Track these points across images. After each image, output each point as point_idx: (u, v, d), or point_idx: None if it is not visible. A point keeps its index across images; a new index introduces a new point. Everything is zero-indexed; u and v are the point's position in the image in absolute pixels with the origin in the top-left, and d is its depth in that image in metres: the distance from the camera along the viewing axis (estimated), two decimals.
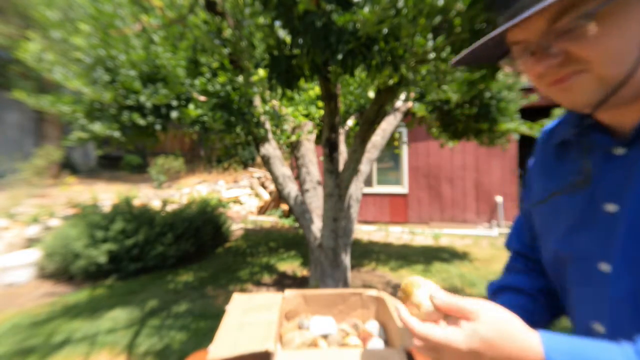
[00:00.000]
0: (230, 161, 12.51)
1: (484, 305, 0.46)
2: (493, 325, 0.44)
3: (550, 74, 0.50)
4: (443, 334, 0.46)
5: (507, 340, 0.43)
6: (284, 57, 1.79)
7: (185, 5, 2.31)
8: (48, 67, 2.85)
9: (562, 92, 0.51)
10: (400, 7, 1.46)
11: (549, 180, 0.64)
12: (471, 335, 0.44)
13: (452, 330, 0.46)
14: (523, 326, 0.45)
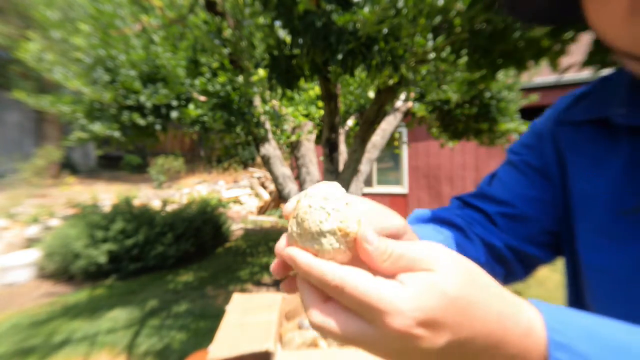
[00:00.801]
0: (230, 161, 12.51)
1: (437, 248, 0.29)
2: (461, 277, 0.27)
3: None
4: (374, 286, 0.26)
5: (484, 304, 0.27)
6: (284, 57, 1.79)
7: (185, 5, 2.31)
8: (48, 67, 2.85)
9: None
10: (400, 7, 1.46)
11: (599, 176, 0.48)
12: (428, 291, 0.26)
13: (392, 285, 0.27)
14: (500, 285, 0.30)
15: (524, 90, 4.48)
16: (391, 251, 0.29)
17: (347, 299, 0.27)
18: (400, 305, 0.26)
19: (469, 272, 0.29)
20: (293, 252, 0.30)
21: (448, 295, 0.26)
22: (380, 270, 0.29)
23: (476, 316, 0.27)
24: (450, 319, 0.26)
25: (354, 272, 0.28)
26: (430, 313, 0.26)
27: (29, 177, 8.42)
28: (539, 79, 6.07)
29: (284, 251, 0.31)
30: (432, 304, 0.26)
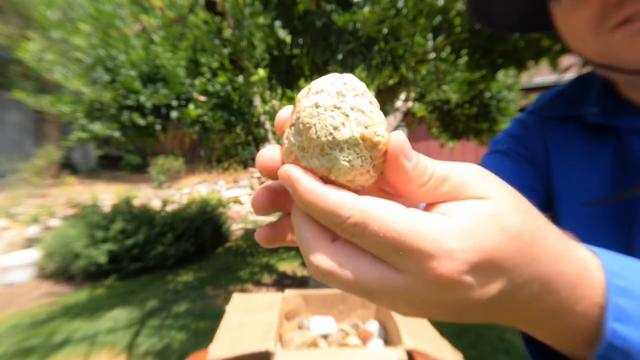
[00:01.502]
0: (230, 161, 12.52)
1: (485, 172, 0.24)
2: (521, 208, 0.23)
3: (623, 4, 0.35)
4: (411, 220, 0.20)
5: (544, 241, 0.22)
6: (284, 57, 1.79)
7: (185, 5, 2.31)
8: (48, 67, 2.85)
9: (633, 37, 0.36)
10: (400, 7, 1.46)
11: (577, 171, 0.49)
12: (485, 225, 0.21)
13: (434, 218, 0.21)
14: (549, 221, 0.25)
15: (524, 90, 4.48)
16: (432, 170, 0.22)
17: (370, 240, 0.21)
18: (448, 244, 0.20)
19: (524, 202, 0.23)
20: (292, 171, 0.22)
21: (510, 231, 0.21)
22: (415, 196, 0.22)
23: (536, 256, 0.22)
24: (510, 261, 0.21)
25: (380, 203, 0.21)
26: (487, 253, 0.20)
27: (29, 177, 8.41)
28: (539, 79, 6.08)
29: (279, 169, 0.23)
30: (491, 241, 0.20)
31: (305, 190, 0.22)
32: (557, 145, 0.52)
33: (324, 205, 0.21)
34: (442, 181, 0.22)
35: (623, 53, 0.38)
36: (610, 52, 0.39)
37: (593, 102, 0.47)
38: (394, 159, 0.22)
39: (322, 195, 0.21)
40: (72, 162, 11.20)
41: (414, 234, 0.20)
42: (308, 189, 0.22)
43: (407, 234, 0.20)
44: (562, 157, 0.52)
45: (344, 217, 0.21)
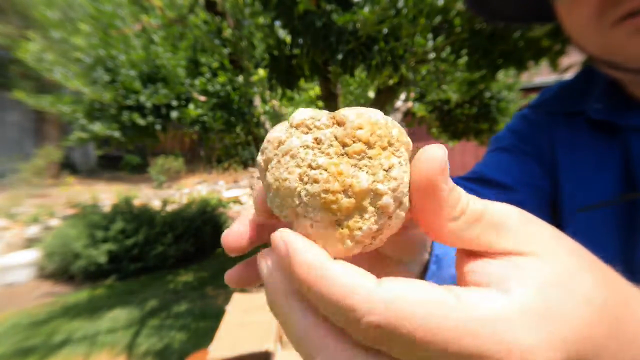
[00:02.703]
0: (230, 161, 12.51)
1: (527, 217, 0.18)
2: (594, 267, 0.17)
3: (620, 2, 0.34)
4: (466, 314, 0.14)
5: (626, 312, 0.17)
6: (284, 57, 1.79)
7: (185, 5, 2.31)
8: (48, 67, 2.85)
9: (637, 33, 0.35)
10: (400, 7, 1.46)
11: (582, 169, 0.46)
12: (562, 304, 0.15)
13: (491, 299, 0.15)
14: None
15: (524, 90, 4.48)
16: (466, 202, 0.17)
17: (404, 348, 0.14)
18: (524, 340, 0.13)
19: (591, 258, 0.17)
20: (290, 238, 0.17)
21: (597, 304, 0.15)
22: (441, 233, 0.17)
23: (625, 340, 0.15)
24: (601, 353, 0.15)
25: (407, 287, 0.15)
26: (578, 346, 0.14)
27: (29, 177, 8.42)
28: (539, 79, 6.08)
29: (274, 233, 0.18)
30: (577, 325, 0.14)
31: (300, 263, 0.16)
32: (563, 143, 0.49)
33: (330, 290, 0.15)
34: (476, 219, 0.17)
35: (624, 50, 0.36)
36: (611, 48, 0.37)
37: (597, 98, 0.45)
38: (427, 186, 0.17)
39: (331, 275, 0.15)
40: (72, 162, 11.21)
41: (471, 332, 0.13)
42: (315, 263, 0.16)
43: (460, 334, 0.13)
44: (569, 155, 0.49)
45: (359, 314, 0.14)
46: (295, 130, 0.19)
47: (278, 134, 0.19)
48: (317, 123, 0.18)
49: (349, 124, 0.18)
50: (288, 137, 0.19)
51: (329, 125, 0.18)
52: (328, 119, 0.18)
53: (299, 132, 0.18)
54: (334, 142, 0.17)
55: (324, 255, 0.16)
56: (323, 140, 0.18)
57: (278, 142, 0.19)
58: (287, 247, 0.16)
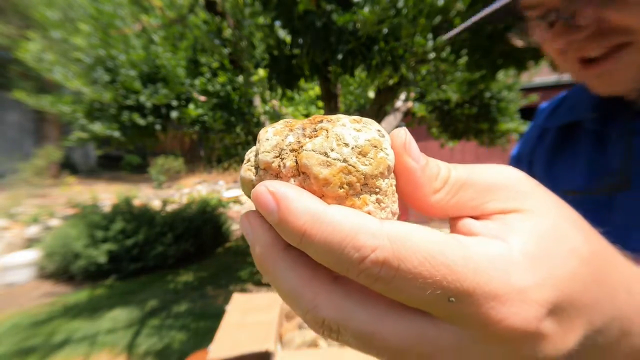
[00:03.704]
0: (230, 161, 12.51)
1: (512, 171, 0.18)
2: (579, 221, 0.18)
3: (575, 49, 0.37)
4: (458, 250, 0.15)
5: (615, 264, 0.18)
6: (284, 57, 1.79)
7: (185, 5, 2.31)
8: (48, 67, 2.85)
9: (597, 78, 0.39)
10: (400, 7, 1.46)
11: (566, 169, 0.49)
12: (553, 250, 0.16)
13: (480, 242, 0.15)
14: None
15: (524, 90, 4.48)
16: (447, 173, 0.17)
17: (404, 284, 0.14)
18: (517, 280, 0.14)
19: (575, 213, 0.18)
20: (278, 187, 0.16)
21: (581, 253, 0.16)
22: (428, 207, 0.17)
23: (611, 287, 0.17)
24: (588, 295, 0.16)
25: (411, 227, 0.15)
26: (566, 286, 0.15)
27: (29, 177, 8.42)
28: (539, 79, 6.08)
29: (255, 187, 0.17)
30: (565, 269, 0.15)
31: (301, 213, 0.15)
32: (549, 152, 0.53)
33: (331, 234, 0.15)
34: (461, 186, 0.17)
35: (594, 88, 0.40)
36: (585, 82, 0.42)
37: (591, 108, 0.47)
38: (398, 164, 0.17)
39: (330, 220, 0.15)
40: (72, 162, 11.21)
41: (469, 269, 0.14)
42: (306, 210, 0.15)
43: (459, 270, 0.14)
44: (552, 161, 0.52)
45: (365, 252, 0.14)
46: (264, 172, 0.18)
47: (249, 177, 0.19)
48: (283, 170, 0.17)
49: (313, 180, 0.16)
50: (258, 181, 0.18)
51: (295, 173, 0.17)
52: (292, 162, 0.17)
53: (267, 177, 0.18)
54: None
55: (319, 201, 0.16)
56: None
57: (251, 184, 0.19)
58: (277, 198, 0.16)
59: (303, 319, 0.17)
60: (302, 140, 0.17)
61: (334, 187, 0.16)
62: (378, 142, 0.17)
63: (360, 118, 0.19)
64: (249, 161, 0.20)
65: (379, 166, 0.17)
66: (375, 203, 0.17)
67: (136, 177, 11.62)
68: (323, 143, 0.17)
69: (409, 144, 0.17)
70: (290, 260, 0.17)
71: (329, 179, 0.16)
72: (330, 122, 0.18)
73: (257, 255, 0.17)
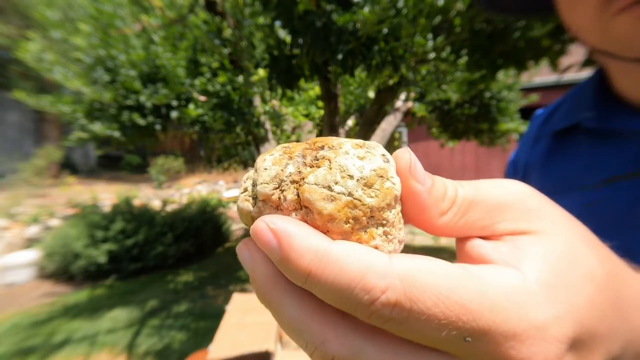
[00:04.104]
0: (230, 161, 12.51)
1: (523, 187, 0.18)
2: (594, 243, 0.17)
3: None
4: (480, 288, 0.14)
5: (628, 286, 0.17)
6: (284, 57, 1.79)
7: (185, 5, 2.31)
8: (48, 67, 2.85)
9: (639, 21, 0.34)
10: (400, 7, 1.46)
11: (566, 170, 0.48)
12: (569, 279, 0.15)
13: (499, 273, 0.15)
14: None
15: (524, 90, 4.48)
16: (454, 193, 0.17)
17: (418, 325, 0.14)
18: (535, 315, 0.14)
19: (587, 231, 0.17)
20: (280, 223, 0.15)
21: (596, 278, 0.15)
22: (436, 229, 0.17)
23: (626, 311, 0.16)
24: (605, 323, 0.15)
25: (421, 263, 0.15)
26: (585, 318, 0.14)
27: (29, 177, 8.42)
28: (539, 79, 6.08)
29: (254, 223, 0.16)
30: (583, 298, 0.14)
31: (305, 251, 0.14)
32: (542, 162, 0.52)
33: (338, 275, 0.14)
34: (469, 206, 0.16)
35: (626, 37, 0.36)
36: (613, 37, 0.37)
37: (588, 107, 0.47)
38: (403, 184, 0.17)
39: (336, 259, 0.14)
40: (72, 162, 11.21)
41: (485, 306, 0.13)
42: (310, 249, 0.14)
43: (474, 308, 0.13)
44: (547, 171, 0.51)
45: (375, 294, 0.14)
46: (263, 204, 0.17)
47: (247, 208, 0.18)
48: (283, 204, 0.17)
49: (317, 215, 0.16)
50: (257, 214, 0.17)
51: (296, 207, 0.16)
52: (293, 195, 0.16)
53: (267, 209, 0.17)
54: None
55: (324, 238, 0.15)
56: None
57: (250, 216, 0.18)
58: (279, 235, 0.15)
59: (309, 355, 0.16)
60: (303, 171, 0.17)
61: (339, 223, 0.15)
62: (384, 171, 0.16)
63: (362, 142, 0.18)
64: (246, 190, 0.18)
65: (386, 198, 0.16)
66: (383, 236, 0.16)
67: (136, 177, 11.62)
68: (326, 176, 0.16)
69: (414, 166, 0.17)
70: (295, 293, 0.16)
71: (333, 214, 0.15)
72: (332, 150, 0.17)
73: (258, 287, 0.17)
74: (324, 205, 0.15)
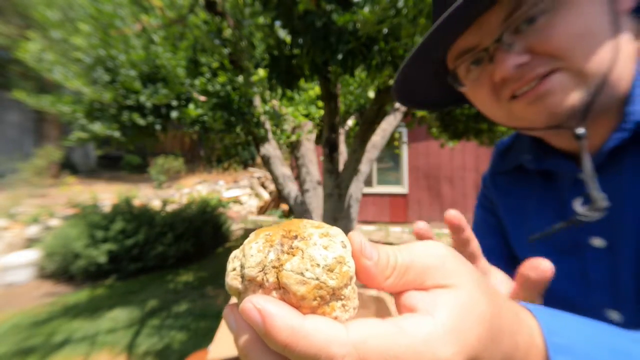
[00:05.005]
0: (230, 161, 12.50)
1: (442, 250, 0.24)
2: (486, 291, 0.23)
3: (515, 79, 0.41)
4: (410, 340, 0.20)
5: (505, 322, 0.23)
6: (284, 57, 1.79)
7: (185, 5, 2.31)
8: (48, 67, 2.85)
9: (537, 102, 0.41)
10: (400, 7, 1.46)
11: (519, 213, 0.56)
12: (466, 319, 0.21)
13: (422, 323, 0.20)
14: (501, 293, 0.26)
15: None
16: (394, 262, 0.22)
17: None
18: (442, 352, 0.19)
19: (484, 281, 0.24)
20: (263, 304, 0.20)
21: (485, 320, 0.21)
22: (382, 288, 0.23)
23: (501, 338, 0.22)
24: (487, 351, 0.21)
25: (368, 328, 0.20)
26: (473, 350, 0.20)
27: (29, 177, 8.42)
28: None
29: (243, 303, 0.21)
30: (474, 336, 0.21)
31: (283, 328, 0.19)
32: (502, 196, 0.60)
33: (309, 347, 0.19)
34: (406, 270, 0.22)
35: (526, 118, 0.43)
36: (516, 118, 0.44)
37: (527, 150, 0.54)
38: (357, 261, 0.23)
39: (306, 334, 0.19)
40: (72, 162, 11.21)
41: (412, 353, 0.19)
42: (286, 326, 0.19)
43: (408, 357, 0.19)
44: (506, 204, 0.59)
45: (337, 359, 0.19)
46: (249, 283, 0.22)
47: (236, 285, 0.23)
48: (266, 284, 0.21)
49: (292, 295, 0.20)
50: (244, 290, 0.22)
51: (276, 287, 0.21)
52: (274, 278, 0.21)
53: (252, 287, 0.22)
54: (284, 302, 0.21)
55: (298, 316, 0.20)
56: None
57: (238, 292, 0.23)
58: (263, 315, 0.19)
59: None
60: (281, 258, 0.21)
61: (309, 301, 0.20)
62: (342, 258, 0.22)
63: (327, 231, 0.23)
64: (235, 270, 0.23)
65: (344, 279, 0.21)
66: (341, 307, 0.21)
67: (136, 177, 11.62)
68: (299, 264, 0.21)
69: (363, 247, 0.22)
70: (273, 356, 0.20)
71: (305, 295, 0.20)
72: (303, 241, 0.22)
73: (241, 348, 0.21)
74: (298, 288, 0.20)
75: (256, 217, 8.98)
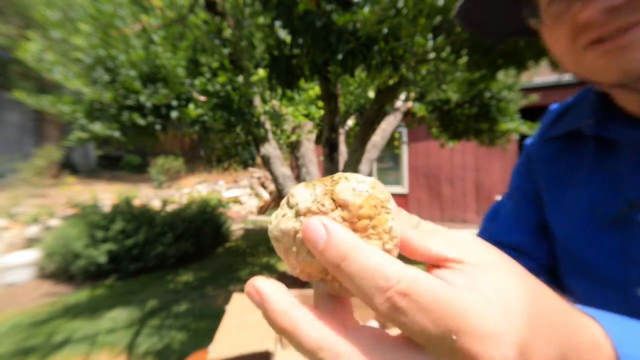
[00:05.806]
0: (230, 161, 12.51)
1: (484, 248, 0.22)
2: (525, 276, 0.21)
3: (599, 24, 0.35)
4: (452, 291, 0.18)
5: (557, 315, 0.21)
6: (284, 57, 1.79)
7: (185, 5, 2.31)
8: (48, 67, 2.85)
9: (613, 54, 0.36)
10: (400, 7, 1.46)
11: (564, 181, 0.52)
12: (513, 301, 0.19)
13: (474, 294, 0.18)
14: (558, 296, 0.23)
15: (524, 90, 4.48)
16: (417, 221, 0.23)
17: (418, 316, 0.17)
18: (496, 324, 0.17)
19: (522, 269, 0.22)
20: (323, 220, 0.20)
21: (535, 305, 0.19)
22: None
23: (555, 333, 0.20)
24: (540, 341, 0.19)
25: (422, 272, 0.18)
26: (527, 334, 0.18)
27: (29, 177, 8.42)
28: (539, 79, 6.08)
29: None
30: (524, 319, 0.18)
31: (344, 241, 0.19)
32: (550, 165, 0.55)
33: (367, 262, 0.18)
34: (433, 230, 0.23)
35: (596, 70, 0.39)
36: (584, 68, 0.41)
37: (588, 114, 0.49)
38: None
39: (366, 251, 0.19)
40: (72, 162, 11.21)
41: (470, 311, 0.17)
42: (347, 240, 0.19)
43: (462, 312, 0.17)
44: (553, 171, 0.54)
45: (392, 282, 0.17)
46: (304, 218, 0.22)
47: (291, 225, 0.22)
48: (323, 208, 0.21)
49: (351, 207, 0.21)
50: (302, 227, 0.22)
51: (333, 208, 0.21)
52: (329, 201, 0.22)
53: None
54: (344, 223, 0.21)
55: (354, 235, 0.20)
56: None
57: (294, 232, 0.22)
58: (328, 229, 0.19)
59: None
60: (328, 187, 0.22)
61: (366, 209, 0.21)
62: (376, 182, 0.23)
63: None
64: (285, 215, 0.23)
65: (385, 195, 0.23)
66: (389, 230, 0.22)
67: (136, 177, 11.62)
68: (348, 184, 0.22)
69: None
70: (309, 316, 0.20)
71: (362, 204, 0.21)
72: (341, 177, 0.23)
73: (274, 318, 0.20)
74: (355, 199, 0.21)
75: (256, 217, 8.98)
